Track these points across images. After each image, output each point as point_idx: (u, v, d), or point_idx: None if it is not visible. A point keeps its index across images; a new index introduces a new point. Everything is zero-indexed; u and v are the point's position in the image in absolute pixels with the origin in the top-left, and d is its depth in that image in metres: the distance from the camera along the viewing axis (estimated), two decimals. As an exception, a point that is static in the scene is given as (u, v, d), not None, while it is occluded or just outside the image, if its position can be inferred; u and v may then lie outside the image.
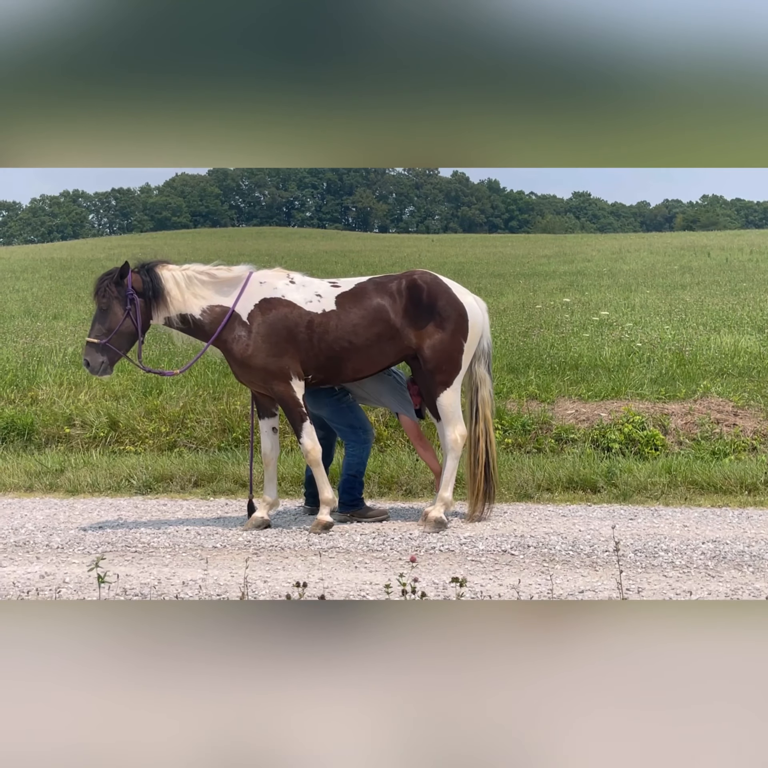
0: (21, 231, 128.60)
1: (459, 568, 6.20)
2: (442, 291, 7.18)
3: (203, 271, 7.23)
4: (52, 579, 6.12)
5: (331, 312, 7.11)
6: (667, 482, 7.99)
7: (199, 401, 10.21)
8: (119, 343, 7.05)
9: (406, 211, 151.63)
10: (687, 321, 15.66)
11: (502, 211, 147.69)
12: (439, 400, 7.17)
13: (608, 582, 5.78)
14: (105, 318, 7.03)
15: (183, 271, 7.18)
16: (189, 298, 7.12)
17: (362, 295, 7.17)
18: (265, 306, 7.12)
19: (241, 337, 7.10)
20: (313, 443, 7.16)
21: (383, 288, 7.18)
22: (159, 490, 8.49)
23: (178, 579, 6.06)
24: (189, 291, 7.12)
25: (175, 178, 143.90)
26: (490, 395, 7.42)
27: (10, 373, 11.58)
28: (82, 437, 9.83)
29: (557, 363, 11.46)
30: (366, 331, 7.08)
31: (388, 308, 7.10)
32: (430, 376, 7.18)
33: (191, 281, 7.15)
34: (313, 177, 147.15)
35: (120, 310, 7.01)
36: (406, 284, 7.16)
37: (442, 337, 7.10)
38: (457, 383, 7.20)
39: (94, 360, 6.98)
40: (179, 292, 7.09)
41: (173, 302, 7.08)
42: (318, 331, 7.08)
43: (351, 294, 7.20)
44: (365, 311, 7.10)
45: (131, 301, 7.01)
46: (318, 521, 7.11)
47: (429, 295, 7.12)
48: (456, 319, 7.13)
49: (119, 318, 7.00)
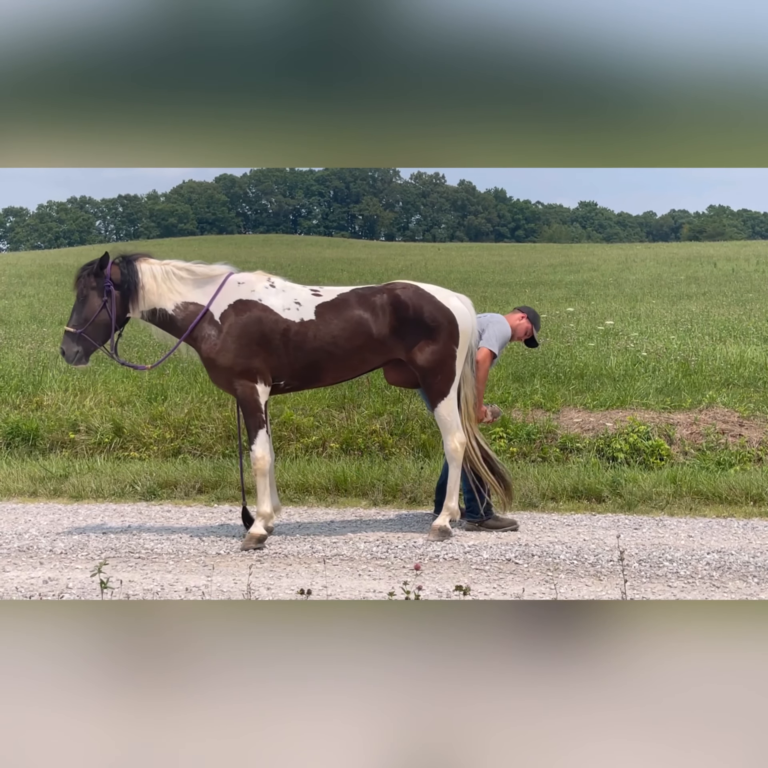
0: (28, 237, 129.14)
1: (463, 576, 6.18)
2: (426, 302, 7.02)
3: (183, 267, 7.14)
4: (55, 584, 6.12)
5: (310, 322, 6.97)
6: (672, 492, 7.97)
7: (204, 408, 10.22)
8: (95, 334, 6.98)
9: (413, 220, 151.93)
10: (693, 331, 15.65)
11: (509, 221, 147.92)
12: (437, 411, 7.10)
13: (612, 591, 5.76)
14: (82, 308, 6.98)
15: (163, 265, 7.09)
16: (164, 293, 7.02)
17: (343, 306, 7.02)
18: (240, 307, 7.00)
19: (210, 336, 6.98)
20: (263, 453, 7.02)
21: (365, 301, 7.02)
22: (163, 496, 8.49)
23: (181, 585, 6.05)
24: (165, 285, 7.01)
25: (182, 185, 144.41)
26: (472, 392, 7.27)
27: (15, 378, 11.61)
28: (87, 443, 9.83)
29: (562, 372, 11.45)
30: (346, 343, 6.95)
31: (370, 322, 6.96)
32: (427, 388, 7.11)
33: (168, 276, 7.05)
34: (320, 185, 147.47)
35: (97, 300, 6.95)
36: (389, 300, 7.00)
37: (433, 348, 6.98)
38: (453, 391, 7.10)
39: (69, 349, 6.95)
40: (155, 285, 7.00)
41: (147, 296, 6.99)
42: (294, 340, 6.94)
43: (332, 304, 7.04)
44: (346, 323, 6.96)
45: (108, 292, 6.95)
46: (251, 535, 6.94)
47: (415, 309, 6.97)
48: (446, 327, 7.00)
49: (95, 309, 6.95)
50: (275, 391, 7.19)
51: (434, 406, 7.11)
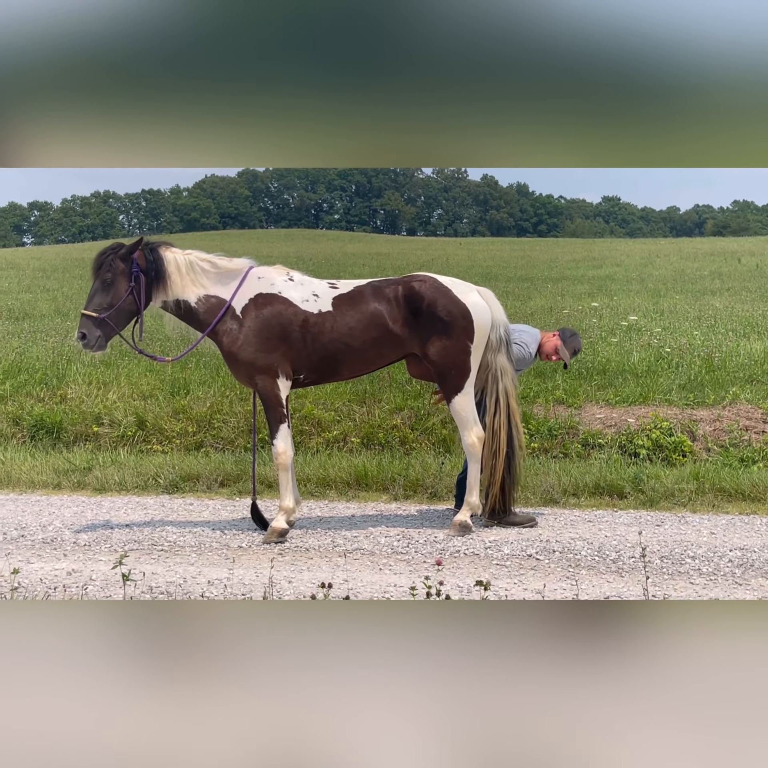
0: (52, 231, 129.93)
1: (484, 571, 6.18)
2: (441, 295, 7.01)
3: (205, 258, 7.12)
4: (79, 576, 6.17)
5: (327, 313, 6.99)
6: (695, 489, 7.93)
7: (226, 402, 10.26)
8: (118, 320, 6.89)
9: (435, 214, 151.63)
10: (716, 327, 15.54)
11: (531, 215, 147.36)
12: (452, 406, 7.10)
13: (634, 588, 5.74)
14: (107, 292, 6.85)
15: (186, 255, 7.07)
16: (187, 284, 7.00)
17: (359, 298, 7.04)
18: (261, 301, 7.01)
19: (232, 330, 6.97)
20: (285, 447, 7.02)
21: (381, 293, 7.04)
22: (185, 489, 8.53)
23: (203, 578, 6.09)
24: (188, 276, 7.00)
25: (204, 179, 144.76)
26: (513, 384, 7.20)
27: (40, 371, 11.70)
28: (110, 436, 9.90)
29: (585, 368, 11.40)
30: (362, 335, 6.96)
31: (385, 314, 6.97)
32: (440, 382, 7.11)
33: (192, 267, 7.03)
34: (342, 180, 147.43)
35: (124, 285, 6.87)
36: (404, 293, 7.00)
37: (447, 343, 6.96)
38: (469, 387, 7.06)
39: (92, 333, 6.78)
40: (179, 276, 6.97)
41: (172, 286, 6.97)
42: (312, 331, 6.96)
43: (348, 297, 7.07)
44: (362, 315, 6.98)
45: (136, 278, 6.89)
46: (272, 528, 6.98)
47: (429, 302, 6.96)
48: (460, 322, 6.97)
49: (122, 294, 6.86)
50: (294, 385, 7.18)
51: (449, 402, 7.11)
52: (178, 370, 11.52)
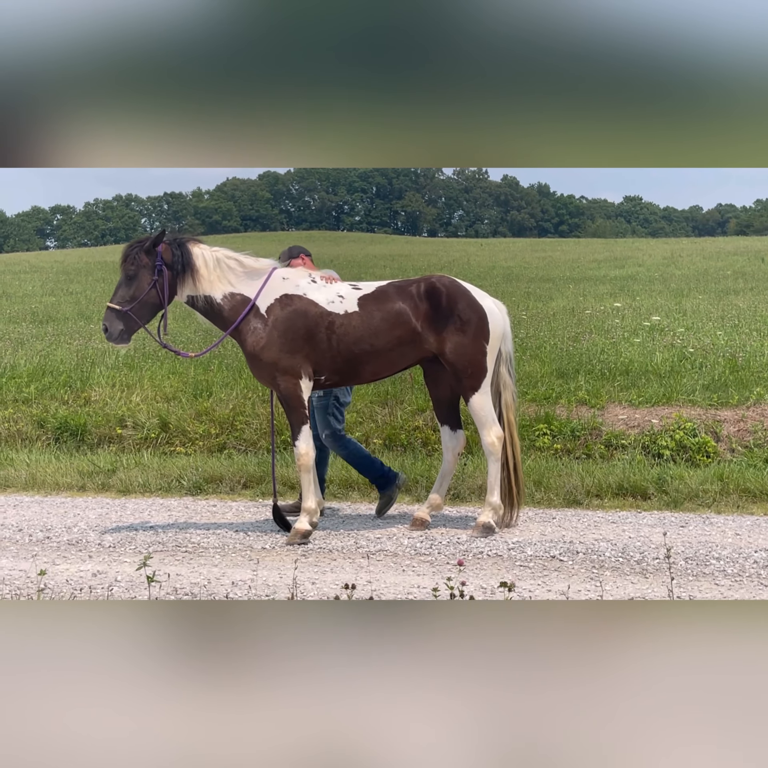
0: (75, 234, 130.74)
1: (507, 573, 6.17)
2: (461, 294, 7.09)
3: (232, 256, 7.16)
4: (104, 577, 6.21)
5: (354, 313, 7.02)
6: (719, 490, 7.89)
7: (248, 404, 10.30)
8: (141, 313, 6.94)
9: (455, 215, 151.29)
10: (740, 327, 15.43)
11: (552, 216, 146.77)
12: (471, 405, 7.13)
13: (659, 589, 5.72)
14: (130, 285, 6.92)
15: (213, 252, 7.11)
16: (214, 281, 7.02)
17: (384, 298, 7.09)
18: (286, 301, 7.03)
19: (256, 329, 7.00)
20: (307, 448, 7.02)
21: (404, 291, 7.10)
22: (209, 491, 8.57)
23: (227, 579, 6.11)
24: (216, 273, 7.03)
25: (225, 182, 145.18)
26: (513, 398, 7.36)
27: (64, 374, 11.78)
28: (134, 438, 9.96)
29: (607, 368, 11.36)
30: (387, 334, 7.00)
31: (409, 312, 7.03)
32: (457, 381, 7.13)
33: (219, 263, 7.06)
34: (363, 181, 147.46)
35: (147, 279, 6.92)
36: (425, 288, 7.08)
37: (463, 341, 7.00)
38: (486, 386, 7.11)
39: (113, 326, 6.86)
40: (207, 271, 7.00)
41: (201, 281, 7.00)
42: (338, 333, 6.98)
43: (373, 296, 7.11)
44: (387, 314, 7.02)
45: (159, 272, 6.93)
46: (296, 530, 7.00)
47: (448, 298, 7.03)
48: (477, 322, 7.04)
49: (144, 287, 6.91)
50: (315, 387, 7.21)
51: (467, 401, 7.14)
52: (201, 372, 11.58)
